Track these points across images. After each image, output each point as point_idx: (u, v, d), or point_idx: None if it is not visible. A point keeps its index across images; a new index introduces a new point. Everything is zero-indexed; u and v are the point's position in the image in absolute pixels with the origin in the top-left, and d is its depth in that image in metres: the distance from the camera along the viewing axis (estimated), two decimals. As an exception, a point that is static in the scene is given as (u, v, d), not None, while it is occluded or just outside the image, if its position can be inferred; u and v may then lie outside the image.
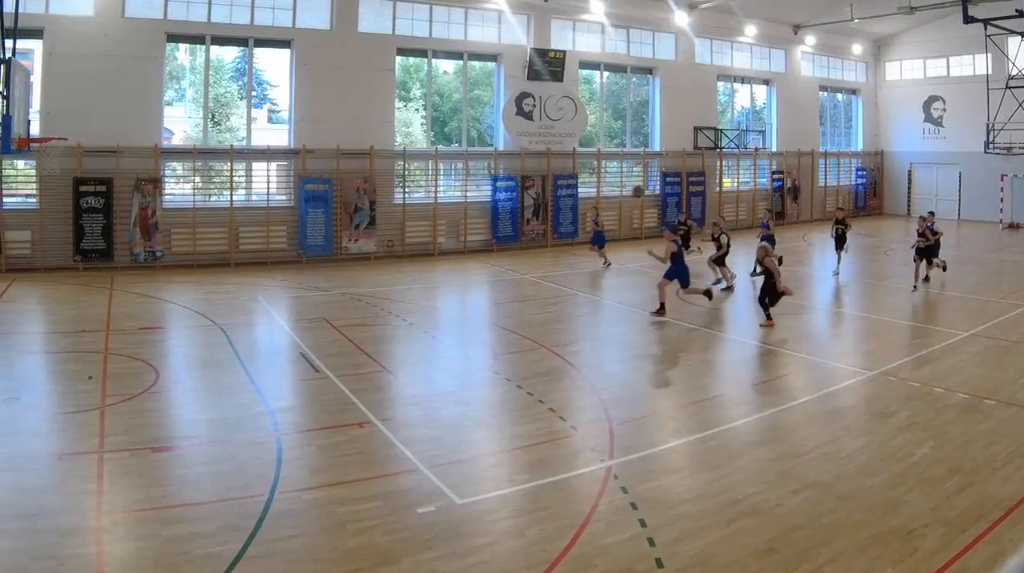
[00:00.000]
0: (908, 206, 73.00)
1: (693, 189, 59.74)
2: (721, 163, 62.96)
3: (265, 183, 44.99)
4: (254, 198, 45.19)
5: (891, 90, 74.48)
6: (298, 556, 12.90)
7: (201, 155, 43.79)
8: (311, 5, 45.79)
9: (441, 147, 51.71)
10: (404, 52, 50.24)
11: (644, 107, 60.87)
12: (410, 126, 56.72)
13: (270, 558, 12.75)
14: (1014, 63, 59.36)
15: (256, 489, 15.17)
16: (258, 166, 45.09)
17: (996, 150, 60.55)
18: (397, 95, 50.60)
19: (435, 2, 49.33)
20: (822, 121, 72.20)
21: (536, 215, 51.96)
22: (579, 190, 54.02)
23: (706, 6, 58.02)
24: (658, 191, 58.63)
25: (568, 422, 19.40)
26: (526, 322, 30.56)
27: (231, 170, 43.85)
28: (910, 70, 73.13)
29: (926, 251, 36.75)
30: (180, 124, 48.36)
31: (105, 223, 39.67)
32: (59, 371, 23.18)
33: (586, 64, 56.54)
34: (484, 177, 51.87)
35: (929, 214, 39.24)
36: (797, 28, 66.31)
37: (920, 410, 20.23)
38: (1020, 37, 55.67)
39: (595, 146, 57.00)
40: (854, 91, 74.55)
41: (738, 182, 65.03)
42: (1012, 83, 58.24)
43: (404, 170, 48.76)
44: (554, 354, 25.65)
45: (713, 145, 61.10)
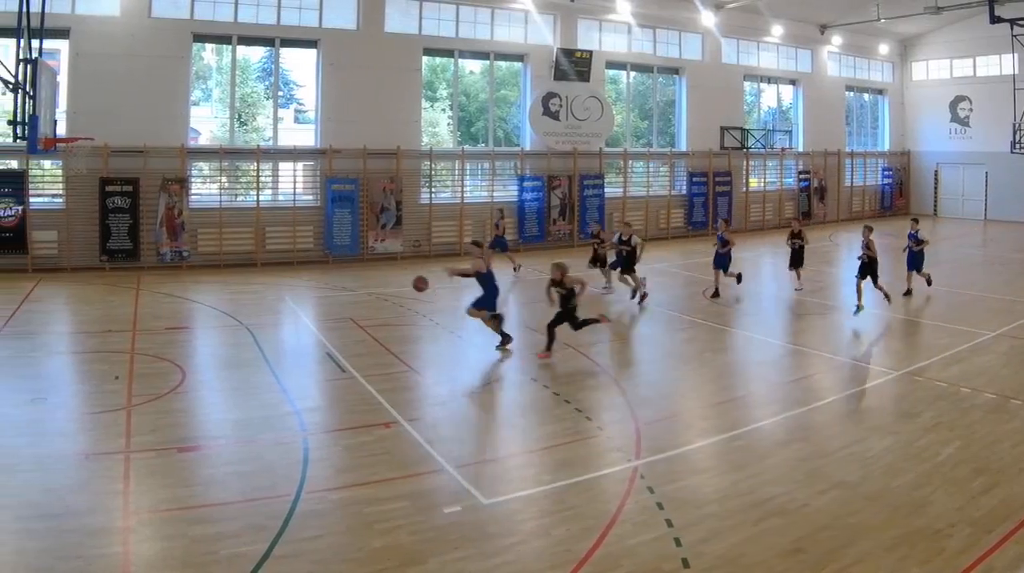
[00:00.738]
0: (935, 206, 72.40)
1: (720, 189, 59.24)
2: (748, 163, 62.45)
3: (292, 183, 44.81)
4: (280, 198, 45.00)
5: (917, 90, 73.72)
6: (324, 556, 12.80)
7: (227, 155, 43.63)
8: (338, 5, 45.50)
9: (467, 147, 51.48)
10: (430, 52, 50.00)
11: (671, 107, 60.39)
12: (436, 126, 56.21)
13: (296, 558, 12.67)
14: (1041, 63, 58.99)
15: (282, 489, 15.09)
16: (284, 166, 44.90)
17: (1023, 150, 60.02)
18: (423, 95, 50.25)
19: (461, 2, 49.04)
20: (848, 121, 71.61)
21: (563, 215, 51.62)
22: (606, 190, 53.70)
23: (732, 6, 57.53)
24: (685, 191, 58.18)
25: (594, 422, 19.29)
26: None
27: (257, 170, 43.64)
28: (936, 70, 72.41)
29: (868, 269, 31.46)
30: (206, 124, 48.16)
31: (131, 223, 39.45)
32: (85, 371, 23.04)
33: (612, 64, 56.09)
34: (510, 177, 51.59)
35: (913, 221, 36.81)
36: (824, 28, 65.71)
37: (946, 410, 20.10)
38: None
39: (622, 146, 56.58)
40: (880, 91, 73.87)
41: (764, 182, 64.48)
42: (1039, 83, 57.85)
43: (430, 170, 48.48)
44: (580, 354, 25.43)
45: (740, 145, 60.62)
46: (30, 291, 33.50)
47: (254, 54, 49.31)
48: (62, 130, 34.01)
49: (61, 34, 38.13)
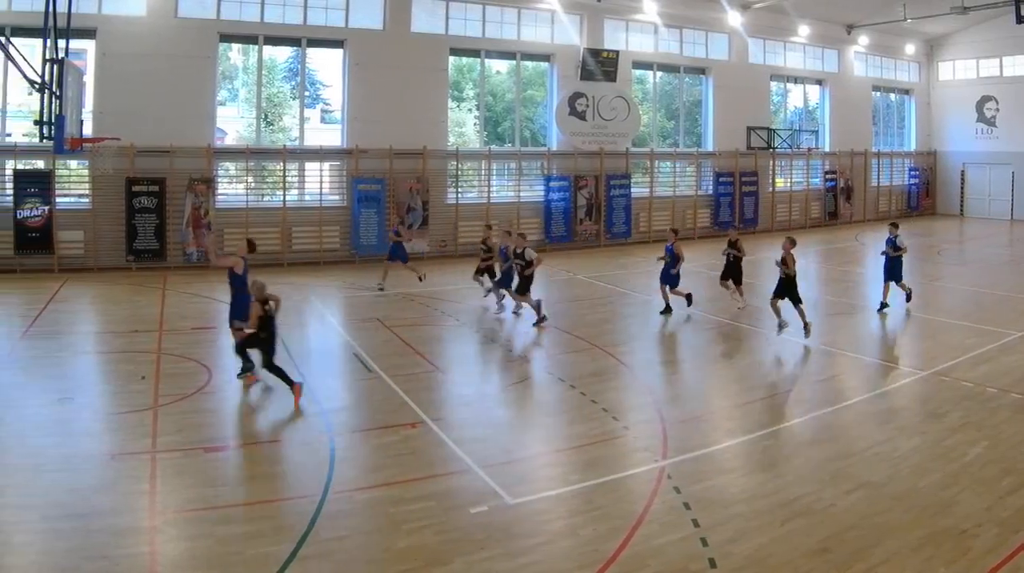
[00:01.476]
0: (961, 206, 71.81)
1: (746, 189, 58.87)
2: (774, 163, 62.00)
3: (318, 183, 44.75)
4: (307, 198, 44.95)
5: (944, 90, 73.08)
6: (351, 556, 12.86)
7: (254, 155, 43.59)
8: (364, 5, 45.31)
9: (494, 147, 51.25)
10: (457, 52, 49.81)
11: (697, 107, 60.04)
12: (463, 126, 55.87)
13: (323, 558, 12.71)
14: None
15: (309, 489, 15.12)
16: (311, 166, 44.83)
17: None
18: (450, 95, 50.07)
19: (488, 2, 48.82)
20: (875, 121, 71.08)
21: (589, 215, 51.31)
22: (632, 190, 53.38)
23: (759, 6, 57.12)
24: (711, 191, 57.87)
25: (621, 422, 19.22)
26: (579, 322, 30.29)
27: (284, 170, 43.60)
28: (963, 70, 71.77)
29: (785, 288, 27.90)
30: (233, 124, 48.06)
31: (158, 223, 39.33)
32: (112, 371, 23.04)
33: (639, 64, 55.71)
34: (537, 177, 51.32)
35: (892, 226, 33.32)
36: (850, 28, 65.22)
37: (973, 410, 20.02)
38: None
39: (648, 146, 56.29)
40: (907, 91, 73.29)
41: (791, 182, 64.05)
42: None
43: (457, 170, 48.31)
44: (607, 354, 25.34)
45: (766, 145, 60.20)
46: (56, 291, 33.40)
47: (280, 54, 49.20)
48: (88, 130, 33.87)
49: (87, 34, 38.08)
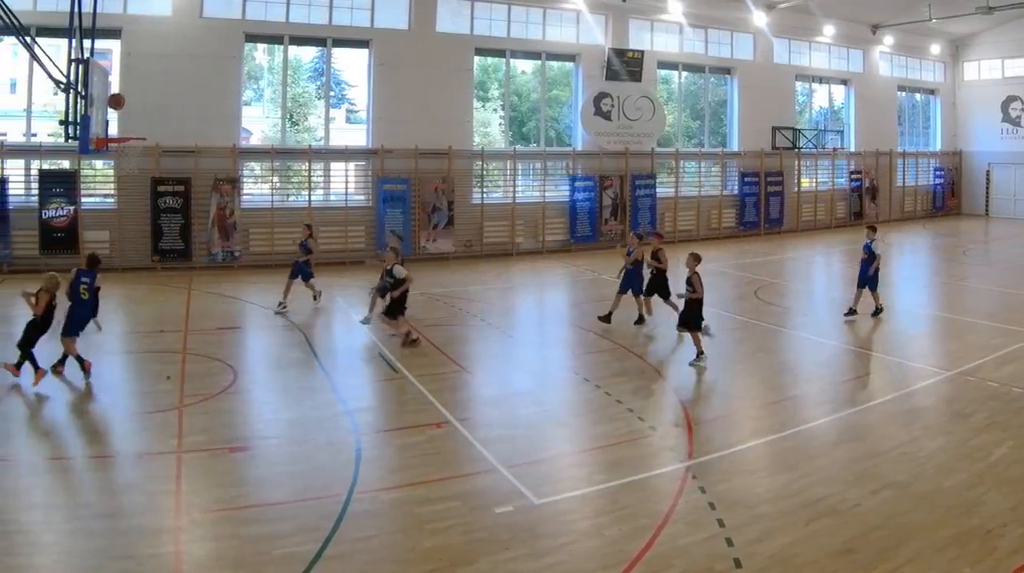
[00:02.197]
0: (986, 206, 71.42)
1: (771, 189, 58.51)
2: (799, 163, 61.62)
3: (343, 183, 44.83)
4: (332, 198, 44.95)
5: (969, 90, 72.55)
6: (376, 556, 12.79)
7: (279, 155, 43.63)
8: (389, 5, 45.19)
9: (519, 147, 50.96)
10: (482, 52, 49.65)
11: (722, 107, 59.76)
12: (488, 126, 55.67)
13: (348, 558, 12.64)
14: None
15: (334, 489, 15.04)
16: (336, 166, 44.83)
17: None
18: (475, 95, 49.95)
19: (513, 2, 48.59)
20: (900, 121, 70.61)
21: (614, 215, 51.01)
22: (657, 190, 53.07)
23: (784, 6, 56.75)
24: (736, 191, 57.52)
25: (647, 422, 19.08)
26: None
27: (309, 170, 43.56)
28: (988, 70, 71.25)
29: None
30: (258, 124, 48.08)
31: (183, 223, 39.29)
32: (138, 371, 23.15)
33: (664, 64, 55.43)
34: (562, 177, 51.08)
35: (869, 229, 31.65)
36: (875, 28, 64.78)
37: (999, 410, 19.82)
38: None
39: (673, 146, 56.00)
40: (932, 91, 72.83)
41: (816, 182, 63.67)
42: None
43: (482, 170, 48.08)
44: (632, 354, 25.36)
45: (791, 145, 59.70)
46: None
47: (306, 54, 49.18)
48: (114, 130, 33.57)
49: (113, 34, 38.10)
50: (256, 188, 43.84)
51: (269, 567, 12.31)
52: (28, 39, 26.27)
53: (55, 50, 29.73)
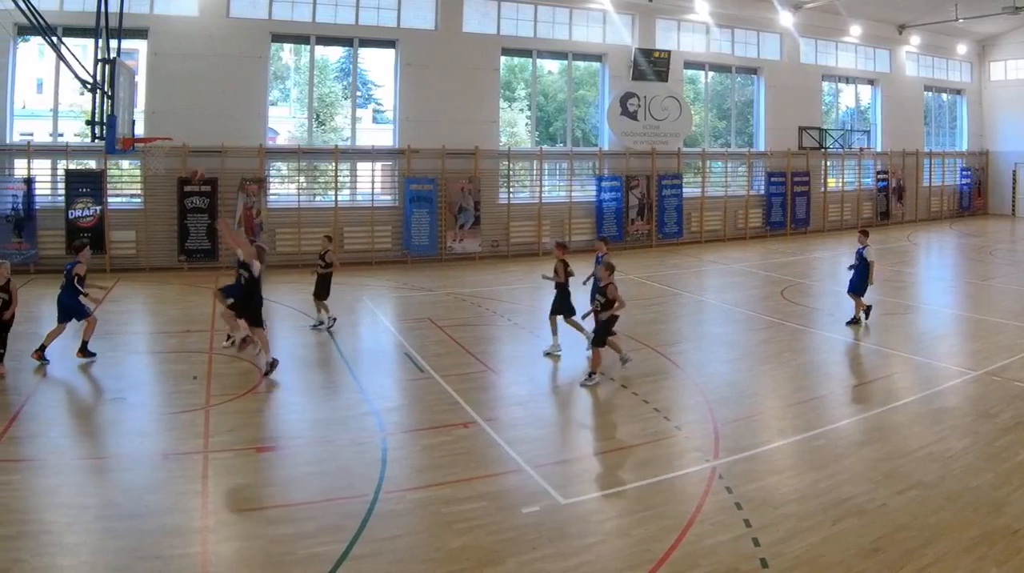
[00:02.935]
0: (1013, 206, 70.84)
1: (798, 189, 58.07)
2: (826, 163, 61.25)
3: (370, 183, 44.61)
4: (359, 198, 44.77)
5: (996, 90, 71.96)
6: (403, 556, 12.69)
7: (306, 155, 43.38)
8: (416, 5, 45.08)
9: (546, 147, 50.68)
10: (509, 52, 49.43)
11: (749, 107, 59.40)
12: (515, 126, 55.54)
13: (375, 558, 12.55)
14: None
15: (361, 489, 14.99)
16: (363, 166, 44.68)
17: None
18: (502, 95, 49.75)
19: (540, 2, 48.37)
20: (927, 121, 70.12)
21: (641, 215, 50.73)
22: (684, 190, 52.76)
23: (811, 6, 56.32)
24: (763, 191, 57.16)
25: (673, 422, 18.97)
26: (631, 322, 28.86)
27: (336, 170, 43.46)
28: (1015, 70, 70.57)
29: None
30: (285, 124, 48.10)
31: (210, 223, 39.10)
32: (164, 371, 22.88)
33: (691, 64, 55.13)
34: (589, 177, 50.84)
35: (861, 234, 30.75)
36: (902, 28, 64.36)
37: None
38: None
39: (700, 146, 55.70)
40: (959, 91, 72.28)
41: (843, 182, 63.23)
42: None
43: (509, 170, 47.91)
44: (659, 354, 25.10)
45: (818, 145, 59.40)
46: (109, 291, 32.92)
47: (332, 54, 49.14)
48: (140, 130, 33.95)
49: (139, 34, 38.20)
50: (283, 188, 43.78)
51: (295, 567, 12.26)
52: (55, 39, 26.34)
53: (82, 50, 29.93)
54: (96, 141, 26.26)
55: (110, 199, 38.60)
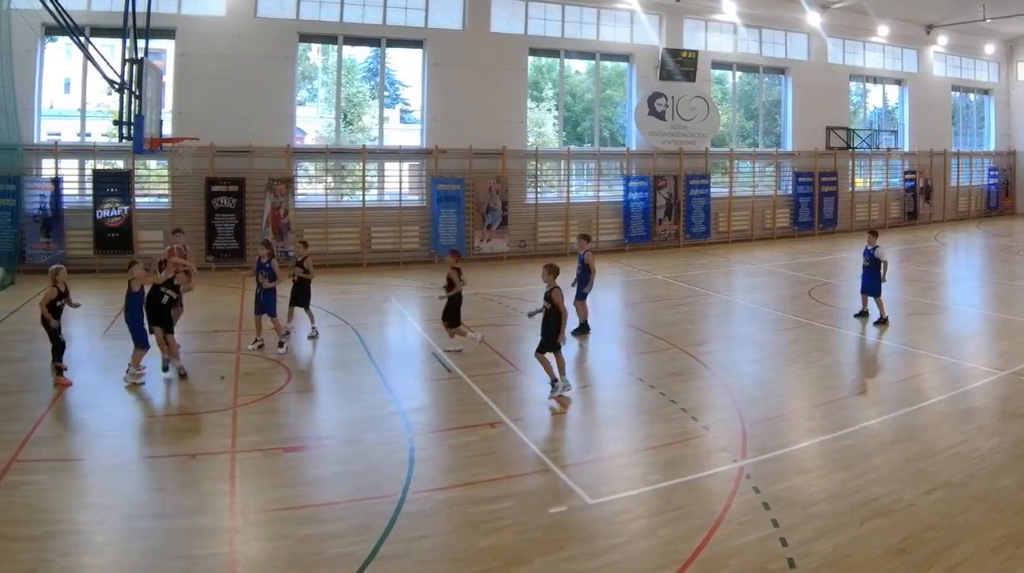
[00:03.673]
0: (1039, 206, 70.42)
1: (825, 189, 57.69)
2: (853, 163, 60.82)
3: (397, 183, 44.45)
4: (386, 198, 44.71)
5: (1023, 90, 72.04)
6: (430, 556, 12.65)
7: (333, 155, 43.40)
8: (443, 5, 44.98)
9: (573, 147, 50.56)
10: (536, 52, 49.28)
11: (776, 107, 58.92)
12: (542, 126, 55.36)
13: (402, 558, 12.51)
14: None
15: (388, 489, 14.94)
16: (390, 166, 44.57)
17: None
18: (529, 95, 49.52)
19: (567, 2, 48.17)
20: (954, 121, 69.61)
21: (668, 215, 50.45)
22: (711, 190, 52.51)
23: (838, 6, 55.92)
24: (790, 191, 56.75)
25: (700, 422, 18.84)
26: (658, 322, 29.73)
27: (363, 170, 43.37)
28: (1043, 70, 70.41)
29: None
30: (312, 124, 48.10)
31: (237, 223, 39.11)
32: (192, 371, 22.38)
33: (718, 64, 54.79)
34: (616, 177, 50.63)
35: (871, 234, 30.20)
36: (929, 28, 63.86)
37: None
38: None
39: (727, 146, 55.44)
40: (986, 91, 71.74)
41: (870, 182, 62.73)
42: None
43: (536, 170, 47.69)
44: (687, 354, 24.93)
45: (845, 145, 59.02)
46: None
47: (360, 54, 49.07)
48: (168, 130, 34.10)
49: (167, 34, 38.27)
50: (310, 188, 43.70)
51: (323, 567, 12.18)
52: (82, 39, 26.26)
53: (109, 50, 29.80)
54: (124, 141, 26.26)
55: (138, 199, 38.64)
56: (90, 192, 37.99)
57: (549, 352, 20.83)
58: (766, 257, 45.69)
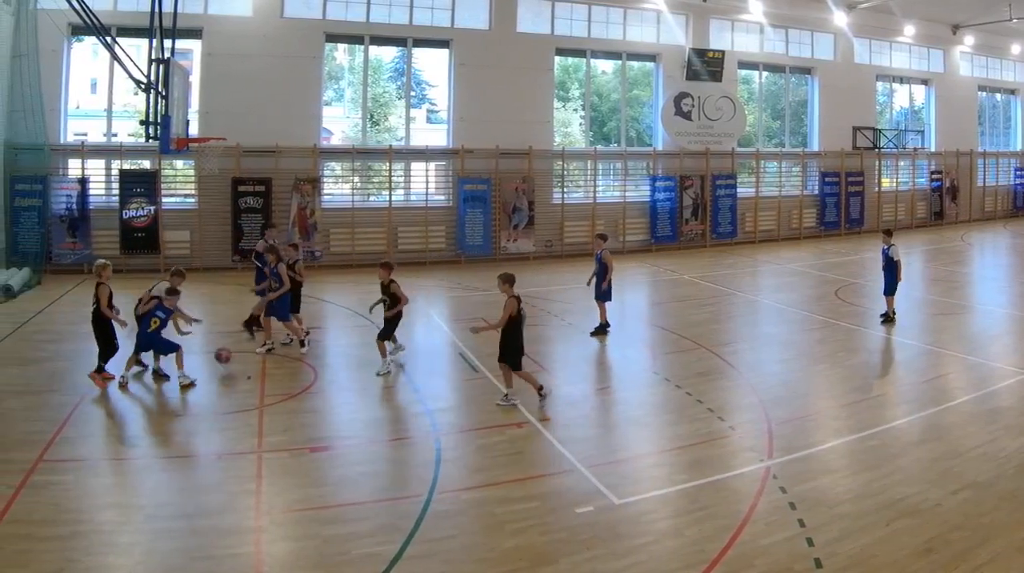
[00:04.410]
0: (1066, 206, 69.93)
1: (852, 189, 57.30)
2: (880, 163, 60.31)
3: (424, 183, 44.31)
4: (412, 198, 44.59)
5: (1051, 90, 71.14)
6: (457, 556, 12.69)
7: (359, 155, 43.23)
8: (470, 5, 44.79)
9: (599, 147, 50.25)
10: (563, 52, 49.03)
11: (803, 107, 58.50)
12: (568, 126, 55.08)
13: (429, 558, 12.54)
14: None
15: (415, 489, 15.01)
16: (417, 166, 44.39)
17: None
18: (555, 95, 49.27)
19: (594, 2, 47.91)
20: (980, 121, 69.03)
21: (695, 215, 50.19)
22: (738, 190, 52.24)
23: (865, 6, 55.49)
24: (817, 191, 56.40)
25: (727, 422, 18.85)
26: (685, 322, 29.61)
27: (390, 170, 43.23)
28: (1069, 70, 69.86)
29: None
30: (338, 124, 47.98)
31: (263, 223, 38.08)
32: (218, 371, 22.49)
33: (744, 64, 54.43)
34: (642, 177, 50.31)
35: (885, 233, 30.40)
36: (956, 28, 63.30)
37: None
38: None
39: (754, 146, 55.11)
40: (1012, 91, 71.06)
41: (896, 182, 62.21)
42: None
43: (562, 170, 47.46)
44: (713, 354, 24.87)
45: (872, 145, 58.54)
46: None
47: (386, 54, 48.93)
48: (194, 130, 34.18)
49: (194, 34, 38.24)
50: (337, 188, 43.52)
51: (349, 567, 12.19)
52: (109, 39, 26.28)
53: (136, 50, 29.80)
54: (150, 141, 26.37)
55: (164, 199, 38.56)
56: (116, 192, 37.94)
57: (509, 363, 20.04)
58: (792, 257, 45.44)
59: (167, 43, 26.37)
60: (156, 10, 25.68)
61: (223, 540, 12.91)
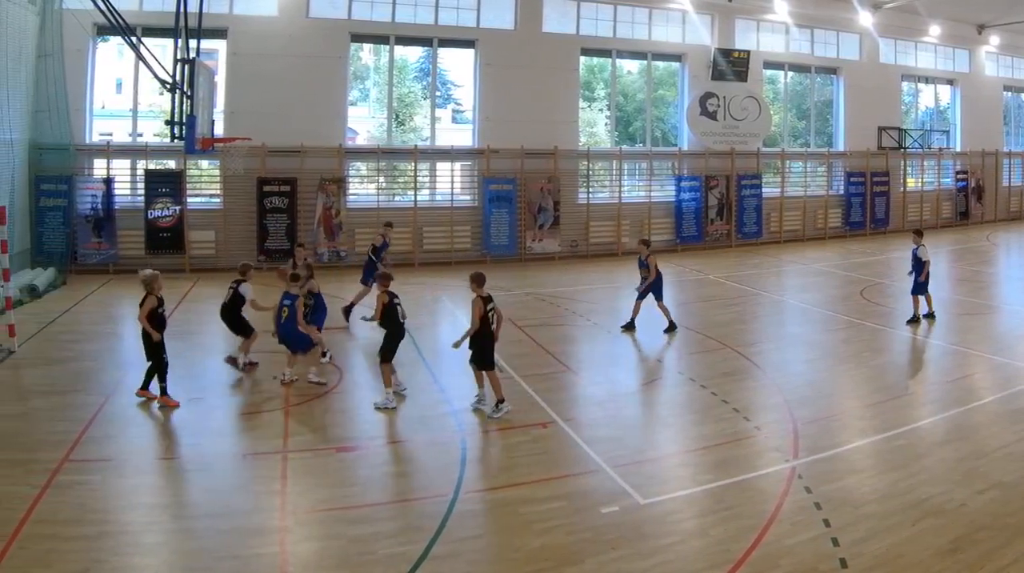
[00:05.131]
0: (1091, 207, 69.45)
1: (877, 189, 56.87)
2: (905, 163, 59.86)
3: (449, 183, 44.18)
4: (438, 198, 44.49)
5: (1076, 90, 70.59)
6: (482, 556, 12.74)
7: (385, 155, 43.10)
8: (495, 5, 44.60)
9: (625, 147, 50.03)
10: (588, 52, 48.82)
11: (828, 107, 58.17)
12: (594, 126, 54.81)
13: (454, 558, 12.54)
14: None
15: (440, 489, 14.97)
16: (442, 166, 44.29)
17: None
18: (581, 95, 49.05)
19: (619, 2, 47.62)
20: (1006, 121, 68.48)
21: (720, 215, 49.91)
22: (763, 190, 51.89)
23: (890, 6, 54.97)
24: (842, 191, 56.05)
25: (752, 422, 18.79)
26: (710, 322, 29.52)
27: (415, 170, 43.15)
28: (1095, 70, 69.41)
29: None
30: (364, 124, 47.81)
31: (289, 223, 38.84)
32: (240, 375, 22.33)
33: (770, 64, 54.09)
34: (668, 177, 50.06)
35: (916, 234, 29.92)
36: (981, 28, 62.74)
37: None
38: None
39: (779, 146, 54.68)
40: (1038, 91, 71.01)
41: (922, 182, 61.76)
42: None
43: (588, 170, 47.13)
44: (738, 354, 24.79)
45: (897, 145, 58.13)
46: (188, 291, 33.41)
47: (411, 54, 48.80)
48: (219, 130, 34.04)
49: (219, 34, 38.22)
50: (362, 188, 43.31)
51: (375, 567, 12.20)
52: (134, 39, 26.36)
53: (161, 50, 29.83)
54: (175, 141, 26.38)
55: (189, 199, 38.55)
56: (142, 192, 37.90)
57: (485, 369, 19.49)
58: (817, 257, 45.21)
59: (192, 43, 26.40)
60: (181, 10, 25.67)
61: (248, 540, 12.91)
